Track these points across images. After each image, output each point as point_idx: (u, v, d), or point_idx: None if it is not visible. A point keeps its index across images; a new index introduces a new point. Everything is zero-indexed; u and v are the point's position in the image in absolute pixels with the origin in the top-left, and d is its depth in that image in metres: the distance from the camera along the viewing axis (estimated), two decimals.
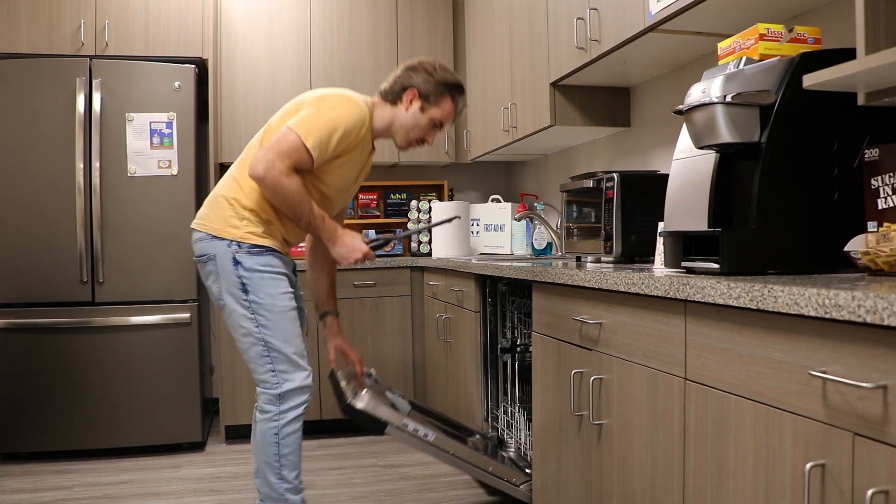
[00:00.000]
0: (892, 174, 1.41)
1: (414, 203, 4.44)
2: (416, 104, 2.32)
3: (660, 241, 1.93)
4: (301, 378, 2.23)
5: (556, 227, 3.44)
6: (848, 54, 1.36)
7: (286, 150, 2.13)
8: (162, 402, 3.62)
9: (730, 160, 1.56)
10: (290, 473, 2.23)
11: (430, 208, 4.42)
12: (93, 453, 3.60)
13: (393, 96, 2.34)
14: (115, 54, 3.69)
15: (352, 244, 2.26)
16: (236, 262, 2.20)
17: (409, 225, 4.43)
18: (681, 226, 1.65)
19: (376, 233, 4.42)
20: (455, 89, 2.36)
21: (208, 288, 2.30)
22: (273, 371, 2.21)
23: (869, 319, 0.97)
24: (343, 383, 2.49)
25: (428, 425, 2.40)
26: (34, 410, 3.51)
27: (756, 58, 1.56)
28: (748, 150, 1.51)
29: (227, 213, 2.24)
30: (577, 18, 2.55)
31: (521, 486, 2.40)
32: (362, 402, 2.32)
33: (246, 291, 2.20)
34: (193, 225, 2.31)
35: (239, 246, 2.20)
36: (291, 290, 2.28)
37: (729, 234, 1.50)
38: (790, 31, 1.59)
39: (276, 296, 2.21)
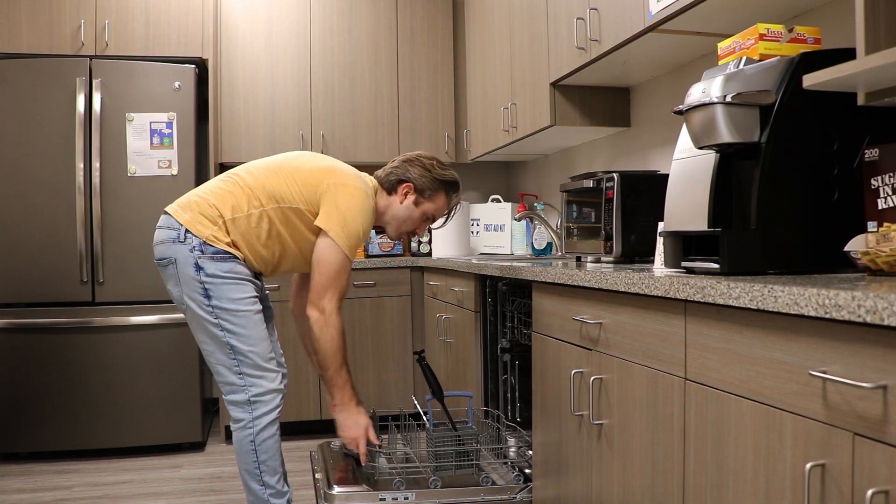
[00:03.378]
0: (892, 174, 1.41)
1: None
2: (411, 198, 2.38)
3: (660, 241, 1.93)
4: (270, 381, 2.21)
5: (556, 227, 3.44)
6: (848, 54, 1.35)
7: (340, 285, 2.23)
8: (162, 402, 3.62)
9: (730, 160, 1.56)
10: (271, 479, 2.22)
11: None
12: (93, 453, 3.60)
13: (389, 186, 2.39)
14: (115, 54, 3.69)
15: (353, 424, 2.37)
16: (198, 268, 2.16)
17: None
18: (681, 226, 1.65)
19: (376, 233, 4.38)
20: (450, 186, 2.42)
21: (169, 291, 2.25)
22: (240, 374, 2.19)
23: (869, 319, 0.97)
24: (318, 475, 2.56)
25: (408, 480, 2.42)
26: (34, 410, 3.51)
27: (756, 58, 1.56)
28: (748, 150, 1.51)
29: (207, 211, 2.21)
30: (577, 18, 2.55)
31: (519, 494, 2.40)
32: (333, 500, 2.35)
33: (208, 297, 2.16)
34: (168, 209, 2.27)
35: (202, 251, 2.16)
36: (256, 294, 2.25)
37: (729, 234, 1.49)
38: (790, 31, 1.59)
39: (239, 300, 2.18)
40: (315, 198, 2.23)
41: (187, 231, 2.18)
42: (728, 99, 1.48)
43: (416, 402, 2.88)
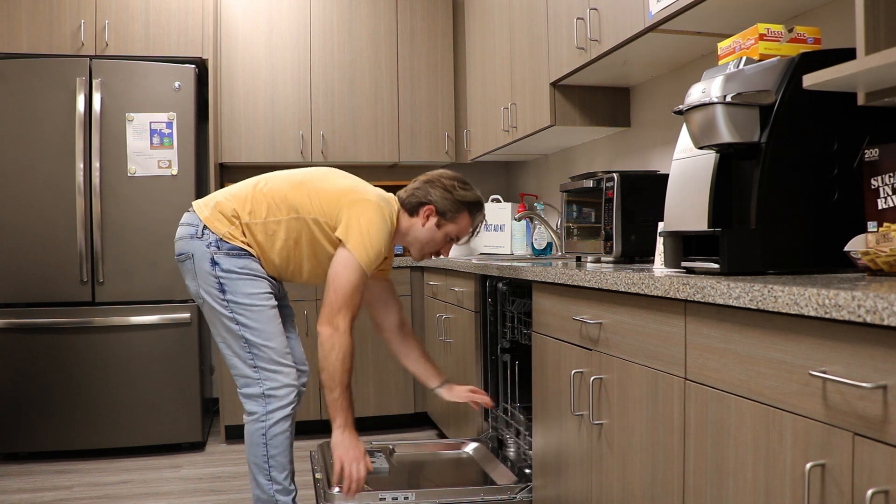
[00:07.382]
0: (892, 174, 1.41)
1: None
2: (433, 220, 2.35)
3: (660, 241, 1.93)
4: (285, 376, 2.23)
5: (556, 227, 3.44)
6: (848, 54, 1.35)
7: (355, 304, 2.23)
8: (162, 402, 3.62)
9: (730, 160, 1.56)
10: (279, 475, 2.23)
11: None
12: (93, 453, 3.60)
13: (410, 208, 2.37)
14: (115, 54, 3.69)
15: (356, 446, 2.22)
16: (214, 263, 2.20)
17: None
18: (681, 226, 1.65)
19: None
20: (473, 206, 2.38)
21: (187, 286, 2.29)
22: (255, 368, 2.21)
23: (869, 319, 0.97)
24: (318, 475, 2.54)
25: (408, 483, 2.42)
26: (34, 410, 3.51)
27: (756, 58, 1.56)
28: (748, 150, 1.51)
29: (227, 211, 2.25)
30: (577, 18, 2.55)
31: (519, 494, 2.41)
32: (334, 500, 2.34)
33: (223, 291, 2.20)
34: (193, 203, 2.32)
35: (218, 247, 2.20)
36: (271, 291, 2.28)
37: (729, 234, 1.49)
38: (790, 31, 1.59)
39: (253, 295, 2.21)
40: (335, 212, 2.24)
41: (205, 227, 2.23)
42: (728, 99, 1.48)
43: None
